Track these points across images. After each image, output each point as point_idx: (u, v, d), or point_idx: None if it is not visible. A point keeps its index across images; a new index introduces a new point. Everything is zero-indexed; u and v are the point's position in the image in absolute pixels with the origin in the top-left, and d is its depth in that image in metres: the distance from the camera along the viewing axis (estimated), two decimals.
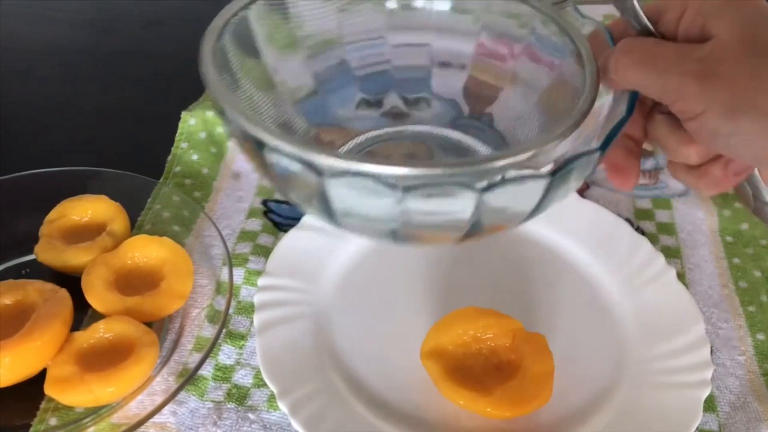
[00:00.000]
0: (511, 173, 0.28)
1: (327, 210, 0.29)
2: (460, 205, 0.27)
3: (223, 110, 0.30)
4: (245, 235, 0.49)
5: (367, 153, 0.38)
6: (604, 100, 0.32)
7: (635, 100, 0.30)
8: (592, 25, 0.34)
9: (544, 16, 0.35)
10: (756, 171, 0.31)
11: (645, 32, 0.29)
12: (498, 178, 0.27)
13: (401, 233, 0.30)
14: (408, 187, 0.26)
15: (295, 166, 0.27)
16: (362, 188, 0.27)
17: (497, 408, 0.36)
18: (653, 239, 0.49)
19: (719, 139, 0.27)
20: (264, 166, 0.29)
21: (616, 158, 0.31)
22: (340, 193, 0.27)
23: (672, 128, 0.29)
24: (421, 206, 0.27)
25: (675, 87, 0.27)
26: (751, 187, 0.33)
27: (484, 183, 0.27)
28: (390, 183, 0.26)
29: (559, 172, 0.27)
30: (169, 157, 0.54)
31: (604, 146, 0.29)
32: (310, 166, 0.26)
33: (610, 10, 0.74)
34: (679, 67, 0.26)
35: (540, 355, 0.38)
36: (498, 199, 0.27)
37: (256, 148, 0.28)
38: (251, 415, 0.39)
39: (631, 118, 0.29)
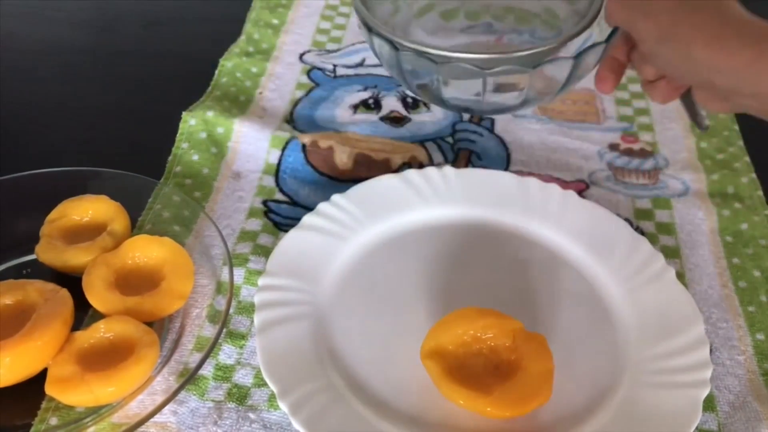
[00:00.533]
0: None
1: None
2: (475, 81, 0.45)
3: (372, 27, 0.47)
4: (245, 235, 0.49)
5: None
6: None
7: (614, 33, 0.45)
8: None
9: None
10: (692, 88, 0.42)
11: None
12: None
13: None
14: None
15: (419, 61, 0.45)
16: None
17: (497, 407, 0.36)
18: (653, 239, 0.49)
19: (653, 59, 0.41)
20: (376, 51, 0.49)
21: (603, 72, 0.44)
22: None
23: (640, 53, 0.42)
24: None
25: (633, 21, 0.40)
26: (688, 101, 0.43)
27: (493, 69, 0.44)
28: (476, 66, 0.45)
29: (537, 66, 0.45)
30: (170, 158, 0.54)
31: (577, 56, 0.45)
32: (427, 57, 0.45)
33: None
34: (637, 9, 0.39)
35: (540, 354, 0.38)
36: (497, 78, 0.46)
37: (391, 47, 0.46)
38: (252, 415, 0.39)
39: (619, 47, 0.44)
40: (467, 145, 0.56)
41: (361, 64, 0.65)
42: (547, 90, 0.48)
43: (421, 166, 0.54)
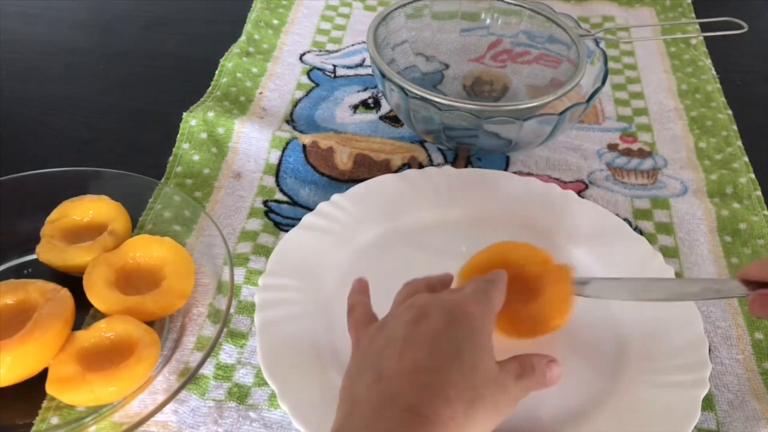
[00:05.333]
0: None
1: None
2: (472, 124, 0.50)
3: (383, 73, 0.51)
4: (246, 235, 0.49)
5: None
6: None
7: (597, 92, 0.51)
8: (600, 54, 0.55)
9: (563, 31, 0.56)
10: None
11: None
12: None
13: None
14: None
15: (419, 104, 0.50)
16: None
17: (516, 326, 0.39)
18: (652, 239, 0.49)
19: None
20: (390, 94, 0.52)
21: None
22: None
23: None
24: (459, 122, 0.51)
25: None
26: None
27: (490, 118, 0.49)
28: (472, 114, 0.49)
29: (529, 119, 0.49)
30: (170, 158, 0.54)
31: (561, 113, 0.49)
32: (430, 102, 0.49)
33: (610, 11, 0.74)
34: None
35: (561, 283, 0.40)
36: (491, 126, 0.50)
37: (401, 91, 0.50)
38: (252, 414, 0.39)
39: None
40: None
41: (360, 65, 0.65)
42: (533, 138, 0.52)
43: (420, 166, 0.54)
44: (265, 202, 0.52)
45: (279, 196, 0.52)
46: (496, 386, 0.32)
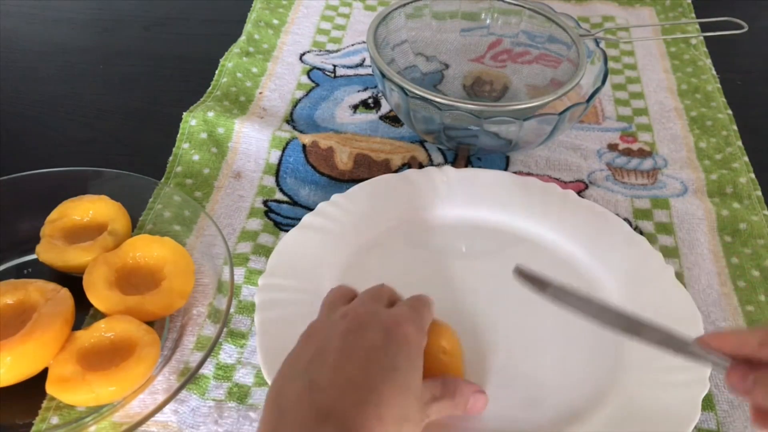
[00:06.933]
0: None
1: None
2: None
3: (383, 72, 0.51)
4: (246, 235, 0.49)
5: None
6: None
7: (597, 91, 0.51)
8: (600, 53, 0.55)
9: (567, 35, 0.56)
10: None
11: None
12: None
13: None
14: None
15: (419, 103, 0.50)
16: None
17: None
18: (652, 239, 0.49)
19: None
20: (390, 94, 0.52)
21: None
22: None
23: None
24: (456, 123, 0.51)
25: None
26: None
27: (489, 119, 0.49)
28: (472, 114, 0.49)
29: (529, 119, 0.49)
30: (170, 158, 0.54)
31: (561, 113, 0.49)
32: (431, 102, 0.49)
33: (610, 11, 0.74)
34: None
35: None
36: (491, 126, 0.50)
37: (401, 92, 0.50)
38: (252, 414, 0.39)
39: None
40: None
41: (360, 65, 0.65)
42: (534, 138, 0.52)
43: (420, 166, 0.54)
44: (265, 202, 0.52)
45: (279, 196, 0.52)
46: (420, 405, 0.32)
